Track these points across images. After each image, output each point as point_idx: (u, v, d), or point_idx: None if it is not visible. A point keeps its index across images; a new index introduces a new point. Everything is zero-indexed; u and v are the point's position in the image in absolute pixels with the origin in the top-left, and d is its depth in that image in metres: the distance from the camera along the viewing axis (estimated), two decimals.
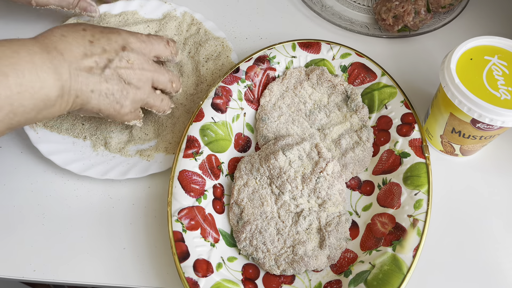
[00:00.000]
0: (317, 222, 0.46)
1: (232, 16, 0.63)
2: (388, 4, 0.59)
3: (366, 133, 0.51)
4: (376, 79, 0.53)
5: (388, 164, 0.49)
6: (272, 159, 0.48)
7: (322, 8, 0.63)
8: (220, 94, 0.51)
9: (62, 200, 0.49)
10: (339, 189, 0.48)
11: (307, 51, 0.55)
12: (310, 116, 0.53)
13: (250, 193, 0.48)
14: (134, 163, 0.50)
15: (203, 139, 0.49)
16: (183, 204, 0.44)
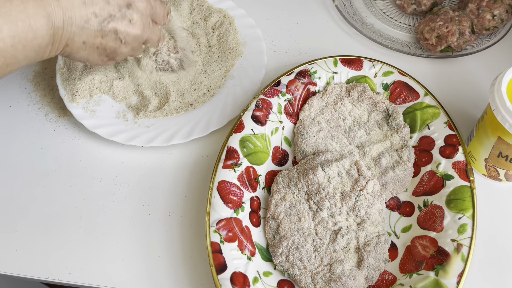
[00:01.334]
0: (355, 241, 0.45)
1: (272, 29, 0.64)
2: (431, 24, 0.59)
3: (407, 152, 0.50)
4: (419, 98, 0.53)
5: (430, 186, 0.48)
6: (310, 175, 0.47)
7: (363, 25, 0.63)
8: (260, 107, 0.51)
9: (99, 204, 0.49)
10: (378, 209, 0.47)
11: (349, 67, 0.55)
12: (350, 132, 0.52)
13: (287, 208, 0.47)
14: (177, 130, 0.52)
15: (243, 151, 0.49)
16: (221, 215, 0.44)
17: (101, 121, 0.53)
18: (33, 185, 0.50)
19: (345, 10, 0.64)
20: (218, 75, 0.57)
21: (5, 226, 0.48)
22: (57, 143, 0.53)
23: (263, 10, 0.66)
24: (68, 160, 0.52)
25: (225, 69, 0.58)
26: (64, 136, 0.54)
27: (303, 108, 0.54)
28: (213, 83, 0.57)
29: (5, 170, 0.51)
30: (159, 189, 0.50)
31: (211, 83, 0.57)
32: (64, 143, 0.53)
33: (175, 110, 0.54)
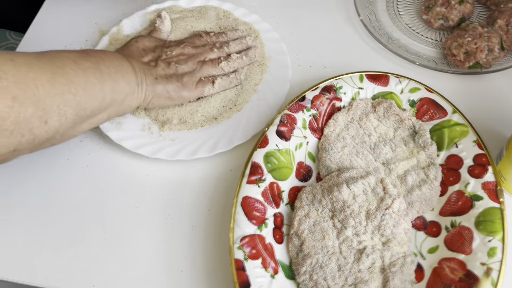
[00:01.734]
0: (381, 261, 0.45)
1: (296, 43, 0.64)
2: (459, 40, 0.58)
3: (434, 171, 0.49)
4: (447, 116, 0.52)
5: (458, 206, 0.47)
6: (335, 192, 0.47)
7: (389, 40, 0.62)
8: (285, 122, 0.51)
9: (123, 217, 0.49)
10: (405, 228, 0.46)
11: (375, 83, 0.54)
12: (375, 149, 0.52)
13: (311, 225, 0.47)
14: (203, 142, 0.53)
15: (267, 166, 0.48)
16: (245, 232, 0.44)
17: (127, 133, 0.53)
18: (59, 196, 0.51)
19: (371, 24, 0.64)
20: (246, 90, 0.57)
21: (31, 237, 0.48)
22: (83, 154, 0.54)
23: (288, 24, 0.66)
24: (93, 172, 0.53)
25: (254, 83, 0.57)
26: (90, 148, 0.54)
27: (328, 124, 0.53)
28: (241, 97, 0.57)
29: (31, 181, 0.52)
30: (183, 202, 0.51)
31: (239, 98, 0.57)
32: (89, 154, 0.54)
33: (199, 124, 0.54)
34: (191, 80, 0.53)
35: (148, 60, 0.53)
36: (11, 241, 0.48)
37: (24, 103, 0.36)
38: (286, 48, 0.61)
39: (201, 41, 0.58)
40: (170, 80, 0.52)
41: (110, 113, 0.47)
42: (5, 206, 0.50)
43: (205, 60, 0.55)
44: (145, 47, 0.54)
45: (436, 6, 0.62)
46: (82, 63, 0.42)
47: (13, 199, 0.51)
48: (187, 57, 0.55)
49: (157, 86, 0.51)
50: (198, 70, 0.54)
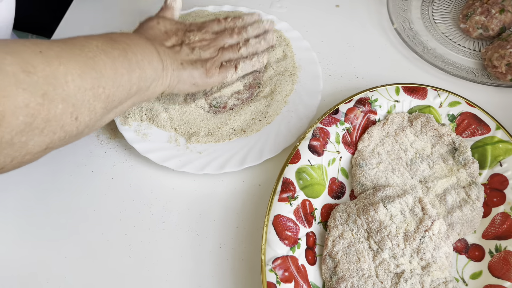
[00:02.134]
0: (420, 287, 0.42)
1: (327, 52, 0.61)
2: (501, 51, 0.55)
3: (475, 191, 0.46)
4: (490, 132, 0.49)
5: (503, 230, 0.44)
6: (371, 211, 0.44)
7: (424, 49, 0.60)
8: (318, 136, 0.49)
9: (149, 232, 0.48)
10: (445, 252, 0.43)
11: (412, 96, 0.52)
12: (412, 166, 0.49)
13: (346, 246, 0.44)
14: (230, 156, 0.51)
15: (299, 183, 0.46)
16: (277, 253, 0.42)
17: (153, 145, 0.52)
18: (83, 209, 0.49)
19: (405, 33, 0.61)
20: (276, 101, 0.55)
21: (55, 250, 0.47)
22: (108, 166, 0.53)
23: (318, 32, 0.64)
24: (118, 184, 0.51)
25: (284, 94, 0.55)
26: (115, 159, 0.53)
27: (362, 138, 0.51)
28: (271, 109, 0.54)
29: (56, 192, 0.51)
30: (210, 218, 0.49)
31: (269, 110, 0.55)
32: (114, 166, 0.53)
33: (227, 136, 0.52)
34: (214, 65, 0.52)
35: (172, 44, 0.51)
36: (31, 252, 0.47)
37: (54, 100, 0.34)
38: (317, 58, 0.58)
39: (220, 26, 0.56)
40: (195, 65, 0.50)
41: (135, 100, 0.45)
42: (27, 217, 0.49)
43: (225, 46, 0.54)
44: (167, 30, 0.52)
45: (475, 15, 0.59)
46: (111, 52, 0.40)
47: (36, 210, 0.49)
48: (209, 42, 0.53)
49: (183, 72, 0.49)
50: (220, 56, 0.53)
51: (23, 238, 0.48)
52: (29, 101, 0.32)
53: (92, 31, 0.64)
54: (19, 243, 0.47)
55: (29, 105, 0.32)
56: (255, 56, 0.55)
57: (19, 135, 0.32)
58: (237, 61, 0.54)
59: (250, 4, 0.67)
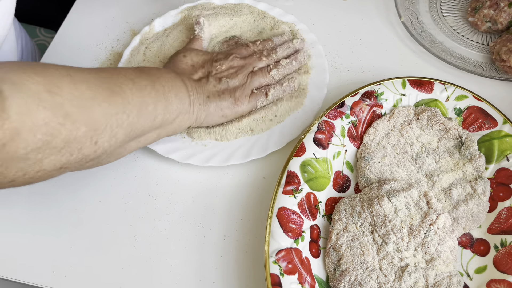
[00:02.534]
0: (424, 281, 0.42)
1: (333, 46, 0.61)
2: (509, 45, 0.54)
3: (482, 185, 0.46)
4: (497, 126, 0.48)
5: (509, 224, 0.44)
6: (376, 205, 0.44)
7: (432, 43, 0.59)
8: (323, 129, 0.49)
9: (154, 224, 0.48)
10: (450, 246, 0.43)
11: (418, 89, 0.52)
12: (417, 160, 0.49)
13: (350, 239, 0.44)
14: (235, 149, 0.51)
15: (303, 176, 0.46)
16: (281, 245, 0.42)
17: None
18: (90, 200, 0.50)
19: (412, 26, 0.61)
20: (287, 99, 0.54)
21: (61, 241, 0.47)
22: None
23: (325, 25, 0.63)
24: (124, 176, 0.51)
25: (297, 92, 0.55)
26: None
27: (368, 132, 0.51)
28: (282, 108, 0.53)
29: (62, 186, 0.51)
30: (215, 210, 0.49)
31: (280, 108, 0.53)
32: (120, 158, 0.53)
33: (233, 136, 0.52)
34: (244, 94, 0.51)
35: (199, 77, 0.51)
36: (37, 245, 0.47)
37: (76, 122, 0.34)
38: (324, 51, 0.58)
39: (248, 50, 0.55)
40: (222, 96, 0.50)
41: (160, 133, 0.45)
42: (33, 208, 0.50)
43: (254, 70, 0.53)
44: (194, 63, 0.52)
45: (484, 8, 0.59)
46: (139, 81, 0.41)
47: (42, 202, 0.50)
48: (236, 69, 0.52)
49: (210, 105, 0.49)
50: (249, 82, 0.52)
51: (29, 229, 0.48)
52: (50, 120, 0.33)
53: (101, 23, 0.65)
54: (25, 233, 0.48)
55: (49, 124, 0.33)
56: (286, 81, 0.53)
57: (35, 152, 0.33)
58: (267, 87, 0.53)
59: None
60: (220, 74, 0.51)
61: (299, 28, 0.60)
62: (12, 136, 0.31)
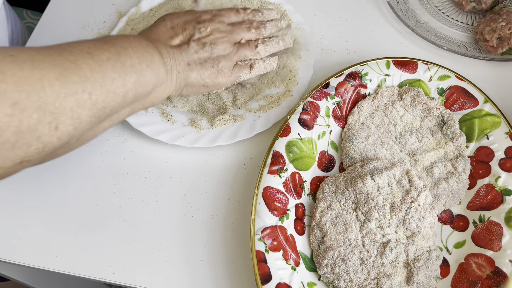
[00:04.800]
0: (405, 256, 0.43)
1: (319, 27, 0.61)
2: (492, 25, 0.55)
3: (462, 163, 0.47)
4: (478, 106, 0.49)
5: (487, 200, 0.45)
6: (359, 183, 0.45)
7: (417, 23, 0.60)
8: (308, 110, 0.49)
9: (142, 204, 0.49)
10: (430, 222, 0.45)
11: (402, 70, 0.52)
12: (400, 139, 0.50)
13: (334, 217, 0.46)
14: (221, 131, 0.51)
15: (288, 156, 0.47)
16: (266, 223, 0.43)
17: (146, 119, 0.52)
18: (79, 182, 0.51)
19: (398, 7, 0.61)
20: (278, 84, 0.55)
21: (51, 222, 0.48)
22: (102, 140, 0.53)
23: (311, 5, 0.63)
24: (112, 158, 0.52)
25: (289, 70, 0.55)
26: (109, 133, 0.54)
27: (352, 112, 0.51)
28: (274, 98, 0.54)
29: (51, 167, 0.52)
30: (202, 190, 0.50)
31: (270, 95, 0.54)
32: (108, 140, 0.53)
33: (223, 122, 0.52)
34: (228, 65, 0.48)
35: (180, 41, 0.46)
36: (28, 227, 0.48)
37: (26, 109, 0.30)
38: (310, 32, 0.58)
39: (238, 17, 0.51)
40: (204, 65, 0.46)
41: (134, 108, 0.42)
42: (24, 191, 0.50)
43: (241, 42, 0.49)
44: (174, 25, 0.47)
45: None
46: (98, 55, 0.36)
47: (30, 185, 0.51)
48: (223, 35, 0.48)
49: (190, 74, 0.45)
50: (235, 53, 0.48)
51: (19, 211, 0.49)
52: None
53: (87, 5, 0.64)
54: (16, 216, 0.49)
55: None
56: (268, 59, 0.51)
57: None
58: (252, 60, 0.50)
59: None
60: (204, 38, 0.47)
61: (286, 9, 0.60)
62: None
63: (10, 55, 0.31)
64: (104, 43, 0.38)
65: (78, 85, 0.34)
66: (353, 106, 0.52)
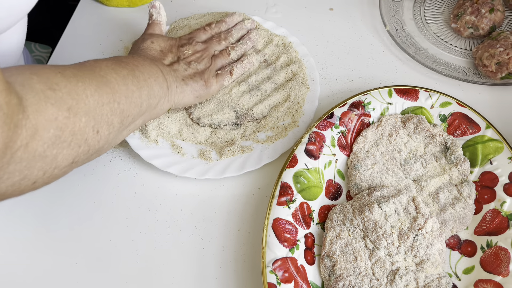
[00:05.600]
0: (415, 283, 0.44)
1: (322, 56, 0.63)
2: (491, 50, 0.56)
3: (467, 188, 0.48)
4: (480, 131, 0.50)
5: (494, 226, 0.46)
6: (366, 212, 0.46)
7: (416, 50, 0.61)
8: (313, 140, 0.51)
9: (155, 237, 0.50)
10: (438, 249, 0.45)
11: (404, 98, 0.54)
12: (405, 166, 0.51)
13: (343, 246, 0.46)
14: (229, 162, 0.53)
15: (296, 186, 0.48)
16: (277, 255, 0.44)
17: (157, 151, 0.54)
18: (92, 217, 0.52)
19: (397, 34, 0.63)
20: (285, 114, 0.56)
21: (66, 257, 0.49)
22: (113, 174, 0.55)
23: (313, 35, 0.65)
24: (124, 192, 0.53)
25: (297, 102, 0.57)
26: (120, 167, 0.55)
27: (357, 140, 0.53)
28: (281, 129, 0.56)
29: (65, 202, 0.53)
30: (213, 222, 0.51)
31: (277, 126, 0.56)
32: (119, 174, 0.55)
33: (231, 154, 0.54)
34: (211, 75, 0.55)
35: (170, 62, 0.55)
36: (41, 262, 0.49)
37: (78, 114, 0.36)
38: (315, 63, 0.60)
39: (206, 34, 0.60)
40: (194, 79, 0.54)
41: (145, 118, 0.48)
42: (37, 226, 0.51)
43: (215, 53, 0.58)
44: (162, 48, 0.55)
45: (465, 15, 0.61)
46: (120, 71, 0.43)
47: (45, 219, 0.52)
48: (201, 53, 0.57)
49: (185, 87, 0.52)
50: (213, 64, 0.57)
51: (33, 247, 0.50)
52: (57, 115, 0.35)
53: (95, 41, 0.66)
54: (30, 251, 0.50)
55: (57, 119, 0.35)
56: (245, 58, 0.59)
57: (50, 147, 0.34)
58: (230, 66, 0.58)
59: (246, 10, 0.68)
60: (188, 58, 0.55)
61: (291, 41, 0.62)
62: (32, 134, 0.33)
63: (59, 72, 0.37)
64: (120, 61, 0.45)
65: (110, 95, 0.40)
66: (357, 134, 0.53)
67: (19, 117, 0.32)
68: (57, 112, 0.35)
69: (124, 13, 0.70)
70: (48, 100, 0.34)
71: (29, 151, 0.33)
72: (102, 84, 0.40)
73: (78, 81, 0.38)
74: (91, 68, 0.41)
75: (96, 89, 0.39)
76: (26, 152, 0.33)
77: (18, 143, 0.32)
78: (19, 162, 0.33)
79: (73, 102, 0.36)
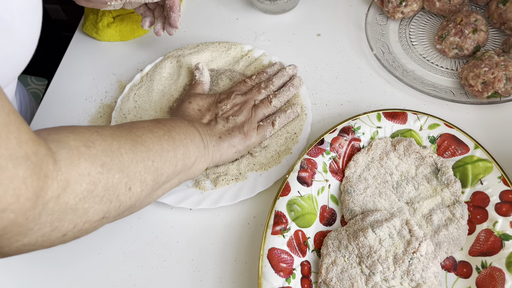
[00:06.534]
0: None
1: (312, 82, 0.64)
2: (476, 70, 0.57)
3: (460, 209, 0.49)
4: (469, 152, 0.51)
5: (487, 246, 0.46)
6: (361, 237, 0.47)
7: (403, 72, 0.62)
8: (305, 167, 0.51)
9: (152, 271, 0.50)
10: (434, 272, 0.45)
11: (393, 121, 0.54)
12: (398, 188, 0.52)
13: (339, 273, 0.46)
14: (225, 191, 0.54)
15: (290, 215, 0.49)
16: (273, 285, 0.44)
17: None
18: (88, 252, 0.52)
19: (384, 57, 0.64)
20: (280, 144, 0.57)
21: None
22: None
23: (302, 62, 0.66)
24: (120, 226, 0.54)
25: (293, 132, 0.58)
26: None
27: (349, 165, 0.53)
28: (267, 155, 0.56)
29: None
30: (209, 253, 0.51)
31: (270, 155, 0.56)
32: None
33: (225, 182, 0.54)
34: (251, 127, 0.55)
35: (208, 120, 0.55)
36: None
37: (111, 170, 0.38)
38: (307, 91, 0.61)
39: (247, 86, 0.59)
40: (233, 134, 0.54)
41: (181, 178, 0.48)
42: (32, 263, 0.51)
43: (256, 103, 0.57)
44: (200, 107, 0.56)
45: (450, 36, 0.62)
46: (156, 131, 0.45)
47: (41, 257, 0.52)
48: (240, 106, 0.56)
49: (222, 144, 0.53)
50: (254, 115, 0.56)
51: (29, 283, 0.50)
52: (91, 170, 0.36)
53: (89, 76, 0.67)
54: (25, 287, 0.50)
55: (90, 173, 0.36)
56: (289, 108, 0.57)
57: (82, 201, 0.35)
58: (272, 117, 0.57)
59: (236, 39, 0.70)
60: (226, 113, 0.55)
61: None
62: (64, 187, 0.34)
63: (96, 131, 0.39)
64: (158, 123, 0.47)
65: (144, 154, 0.42)
66: (349, 159, 0.54)
67: (49, 167, 0.33)
68: (90, 167, 0.36)
69: (116, 47, 0.71)
70: (81, 155, 0.36)
71: (61, 203, 0.34)
72: (137, 143, 0.42)
73: (113, 140, 0.40)
74: (128, 129, 0.43)
75: (131, 147, 0.41)
76: (58, 204, 0.34)
77: (49, 194, 0.33)
78: (50, 214, 0.33)
79: (107, 159, 0.38)
